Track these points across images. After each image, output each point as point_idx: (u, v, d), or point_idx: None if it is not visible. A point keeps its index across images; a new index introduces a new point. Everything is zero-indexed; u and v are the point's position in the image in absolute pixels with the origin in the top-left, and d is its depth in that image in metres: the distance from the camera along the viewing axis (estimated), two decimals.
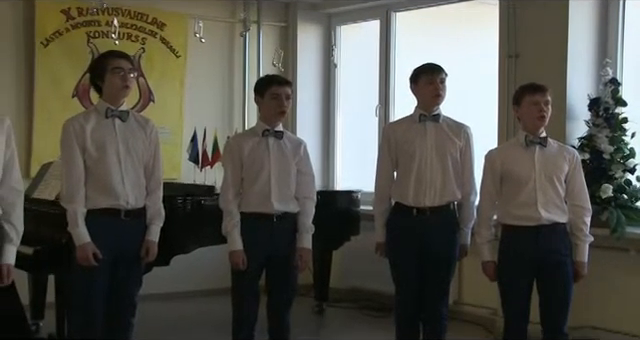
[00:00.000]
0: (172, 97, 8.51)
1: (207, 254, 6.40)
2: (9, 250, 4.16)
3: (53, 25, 7.89)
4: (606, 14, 6.72)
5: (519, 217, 4.72)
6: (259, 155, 4.92)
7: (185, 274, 7.37)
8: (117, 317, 4.79)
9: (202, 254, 6.44)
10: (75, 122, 4.67)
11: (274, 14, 9.14)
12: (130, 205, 4.69)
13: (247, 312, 4.97)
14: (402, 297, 5.10)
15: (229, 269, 4.94)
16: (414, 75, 5.08)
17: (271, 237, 4.90)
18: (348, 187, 8.15)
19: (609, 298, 6.31)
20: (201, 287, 8.03)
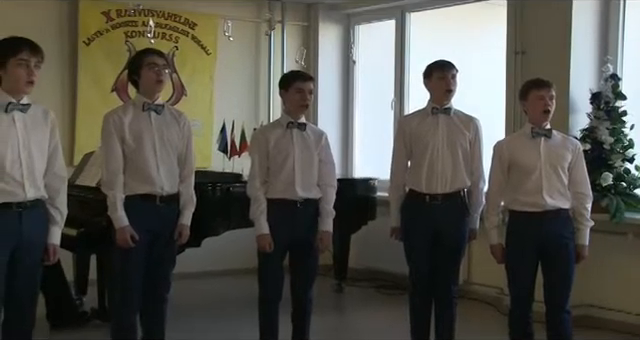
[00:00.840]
0: (203, 92, 8.54)
1: (235, 236, 6.40)
2: (54, 231, 4.21)
3: (94, 26, 7.93)
4: (607, 13, 6.69)
5: (525, 203, 4.70)
6: (284, 145, 4.92)
7: (215, 255, 7.38)
8: (153, 293, 4.81)
9: (230, 236, 6.46)
10: (114, 115, 4.70)
11: (297, 14, 9.13)
12: (165, 191, 4.71)
13: (272, 290, 4.98)
14: (415, 277, 5.09)
15: (255, 250, 4.95)
16: (427, 71, 5.06)
17: (295, 221, 4.91)
18: (365, 175, 8.14)
19: (608, 278, 6.30)
20: (229, 267, 8.04)
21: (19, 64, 3.98)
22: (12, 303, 4.10)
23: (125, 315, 4.76)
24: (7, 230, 3.98)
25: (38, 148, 4.09)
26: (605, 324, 6.33)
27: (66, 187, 4.30)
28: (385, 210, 5.63)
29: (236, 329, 6.11)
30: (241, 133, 7.71)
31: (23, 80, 3.99)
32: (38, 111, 4.14)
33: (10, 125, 3.99)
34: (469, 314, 6.22)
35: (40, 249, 4.15)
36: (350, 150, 9.25)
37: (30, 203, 4.04)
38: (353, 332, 6.63)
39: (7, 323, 4.14)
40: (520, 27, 6.89)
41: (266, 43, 8.98)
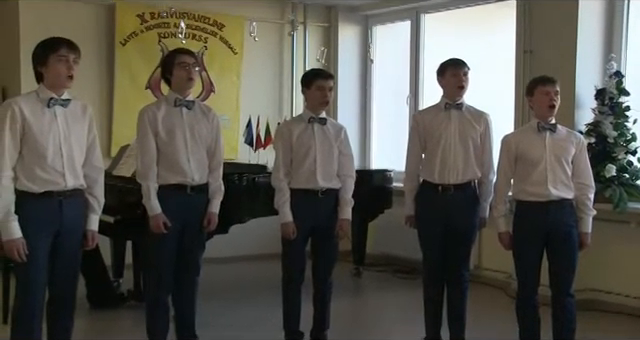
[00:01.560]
0: (230, 89, 8.55)
1: (260, 224, 6.41)
2: (93, 219, 4.24)
3: (130, 27, 7.97)
4: (612, 14, 6.66)
5: (531, 194, 4.69)
6: (306, 139, 4.93)
7: (241, 241, 7.39)
8: (184, 276, 4.84)
9: (256, 224, 6.46)
10: (149, 110, 4.73)
11: (318, 16, 9.13)
12: (195, 181, 4.73)
13: (295, 274, 5.00)
14: (429, 262, 5.08)
15: (279, 237, 4.96)
16: (440, 69, 5.04)
17: (316, 210, 4.92)
18: (382, 166, 8.12)
19: (610, 264, 6.29)
20: (255, 252, 8.07)
21: (59, 60, 4.01)
22: (55, 284, 4.15)
23: (158, 296, 4.79)
24: (49, 217, 4.01)
25: (77, 141, 4.12)
26: (607, 307, 6.32)
27: (103, 177, 4.33)
28: (400, 199, 5.62)
29: (261, 310, 6.13)
30: (266, 127, 7.72)
31: (64, 75, 4.02)
32: (77, 106, 4.18)
33: (52, 119, 4.03)
34: (479, 297, 6.21)
35: (79, 235, 4.18)
36: (368, 143, 9.25)
37: (70, 192, 4.07)
38: (370, 314, 6.63)
39: (51, 303, 4.18)
40: (528, 27, 6.87)
41: (289, 43, 8.98)
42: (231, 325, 5.81)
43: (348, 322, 5.90)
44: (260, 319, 5.92)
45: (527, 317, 4.84)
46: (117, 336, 5.65)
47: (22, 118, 3.97)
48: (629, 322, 6.07)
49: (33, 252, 3.97)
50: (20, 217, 3.95)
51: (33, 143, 3.97)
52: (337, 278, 5.19)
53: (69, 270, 4.18)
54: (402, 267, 7.89)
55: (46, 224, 4.01)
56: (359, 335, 5.63)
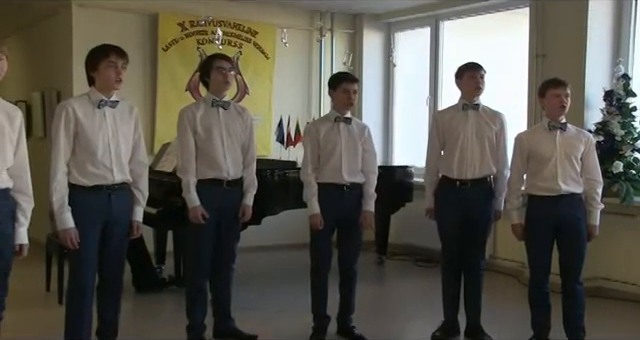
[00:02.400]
0: (263, 91, 8.58)
1: (290, 216, 6.44)
2: (138, 210, 4.28)
3: (171, 34, 8.03)
4: (619, 20, 6.62)
5: (542, 188, 4.68)
6: (332, 137, 4.93)
7: (273, 231, 7.39)
8: (221, 263, 4.86)
9: (286, 216, 6.48)
10: (188, 111, 4.75)
11: (344, 23, 9.13)
12: (230, 176, 4.75)
13: (322, 262, 4.99)
14: (447, 252, 5.07)
15: (308, 228, 4.96)
16: (459, 71, 5.03)
17: (342, 203, 4.91)
18: (403, 163, 8.14)
19: (617, 254, 6.26)
20: (285, 242, 8.07)
21: (109, 65, 4.05)
22: (104, 270, 4.20)
23: (197, 281, 4.81)
24: (99, 208, 4.06)
25: (124, 139, 4.16)
26: (614, 294, 6.29)
27: (147, 172, 4.37)
28: (421, 193, 5.61)
29: (291, 295, 6.15)
30: (296, 126, 7.75)
31: (113, 79, 4.06)
32: (125, 107, 4.22)
33: (102, 119, 4.07)
34: (494, 284, 6.21)
35: (126, 225, 4.22)
36: (390, 141, 9.24)
37: (117, 186, 4.12)
38: (392, 300, 6.63)
39: (101, 287, 4.23)
40: (541, 33, 6.84)
41: (317, 48, 9.00)
42: (264, 309, 5.83)
43: (371, 307, 5.90)
44: (290, 304, 5.94)
45: (539, 303, 4.82)
46: (159, 318, 5.69)
47: (75, 118, 4.02)
48: (634, 308, 6.03)
49: (84, 240, 4.02)
50: (73, 208, 4.00)
51: (85, 141, 4.02)
52: (361, 266, 5.17)
53: (116, 257, 4.23)
54: (422, 256, 7.88)
55: (96, 215, 4.06)
56: (382, 319, 5.63)
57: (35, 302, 5.90)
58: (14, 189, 3.66)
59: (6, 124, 3.63)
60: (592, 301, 5.24)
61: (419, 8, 8.43)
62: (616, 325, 5.55)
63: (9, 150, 3.63)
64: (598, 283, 6.31)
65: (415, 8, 8.48)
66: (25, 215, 3.71)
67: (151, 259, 6.62)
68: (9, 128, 3.64)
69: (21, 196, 3.70)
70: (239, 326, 5.00)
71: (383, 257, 7.83)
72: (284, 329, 5.25)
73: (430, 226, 5.21)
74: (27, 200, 3.72)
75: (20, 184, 3.69)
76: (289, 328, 5.25)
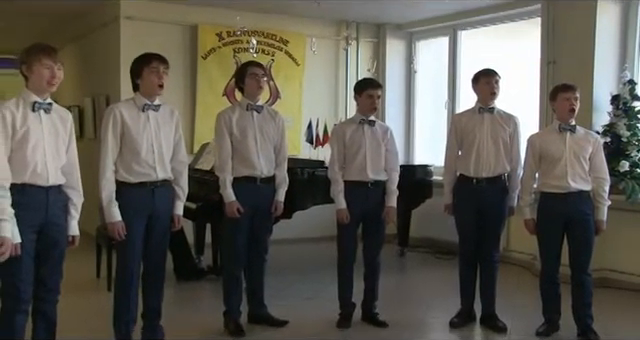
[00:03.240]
0: (293, 95, 8.59)
1: (319, 210, 6.43)
2: (179, 205, 4.30)
3: (210, 44, 8.08)
4: (625, 29, 6.58)
5: (553, 186, 4.66)
6: (357, 138, 4.93)
7: (303, 225, 7.37)
8: (255, 254, 4.88)
9: (315, 210, 6.47)
10: (225, 114, 4.77)
11: (369, 33, 9.12)
12: (264, 174, 4.76)
13: (348, 254, 5.00)
14: (463, 245, 5.06)
15: (335, 222, 4.97)
16: (475, 77, 5.01)
17: (366, 198, 4.91)
18: (424, 162, 8.08)
19: (623, 248, 6.21)
20: (314, 235, 8.07)
21: (151, 72, 4.08)
22: (148, 260, 4.23)
23: (233, 271, 4.83)
24: (143, 203, 4.09)
25: (166, 140, 4.18)
26: (620, 285, 6.24)
27: (187, 170, 4.39)
28: (440, 190, 5.58)
29: (320, 284, 6.14)
30: (324, 128, 7.74)
31: (155, 84, 4.09)
32: (166, 110, 4.24)
33: (145, 122, 4.10)
34: (507, 275, 6.16)
35: (168, 218, 4.24)
36: (411, 142, 9.21)
37: (160, 183, 4.14)
38: (413, 289, 6.60)
39: (145, 275, 4.26)
40: (552, 41, 6.80)
41: (344, 56, 8.99)
42: (294, 296, 5.83)
43: (394, 296, 5.88)
44: (318, 291, 5.94)
45: (549, 293, 4.82)
46: (198, 304, 5.71)
47: (122, 121, 4.05)
48: (639, 298, 5.98)
49: (130, 232, 4.06)
50: (120, 203, 4.04)
51: (130, 142, 4.05)
52: (384, 258, 5.17)
53: (159, 248, 4.25)
54: (441, 249, 7.85)
55: (141, 209, 4.09)
56: (403, 307, 5.61)
57: (87, 288, 5.97)
58: (66, 185, 3.69)
59: (60, 126, 3.67)
60: (599, 291, 5.19)
61: (438, 19, 8.42)
62: (622, 313, 5.49)
63: (62, 150, 3.67)
64: (605, 274, 6.26)
65: (435, 18, 8.47)
66: (76, 209, 3.75)
67: (191, 250, 6.66)
68: (62, 130, 3.68)
69: (72, 191, 3.73)
70: (271, 312, 5.02)
71: (404, 249, 7.81)
72: (313, 315, 5.25)
73: (448, 221, 5.20)
74: (77, 195, 3.76)
75: (71, 180, 3.72)
76: (317, 314, 5.25)
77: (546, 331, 4.80)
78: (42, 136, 3.56)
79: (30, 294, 3.58)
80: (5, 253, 3.12)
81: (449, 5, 7.72)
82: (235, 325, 4.79)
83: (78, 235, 3.77)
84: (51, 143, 3.59)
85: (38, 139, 3.53)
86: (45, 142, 3.56)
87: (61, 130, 3.67)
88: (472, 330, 4.99)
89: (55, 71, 3.56)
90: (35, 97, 3.56)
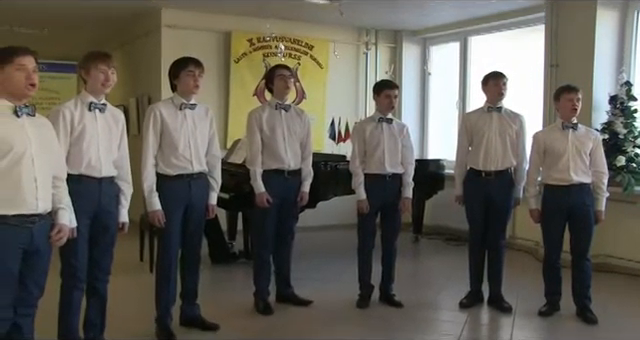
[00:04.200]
0: (318, 95, 8.57)
1: (340, 201, 6.42)
2: (213, 195, 4.31)
3: (242, 49, 8.09)
4: (622, 34, 6.51)
5: (556, 179, 4.64)
6: (376, 135, 4.92)
7: (326, 214, 7.38)
8: (282, 240, 4.90)
9: (337, 201, 6.46)
10: (256, 112, 4.78)
11: (387, 39, 9.08)
12: (291, 167, 4.77)
13: (367, 240, 5.00)
14: (473, 232, 5.03)
15: (355, 211, 4.97)
16: (484, 79, 4.97)
17: (384, 190, 4.91)
18: (437, 156, 8.07)
19: (620, 235, 6.18)
20: (336, 222, 8.07)
21: (188, 74, 4.10)
22: (186, 245, 4.26)
23: (262, 255, 4.85)
24: (181, 194, 4.11)
25: (201, 136, 4.19)
26: (617, 269, 6.20)
27: (220, 164, 4.39)
28: (451, 183, 5.57)
29: (341, 267, 6.13)
30: (345, 125, 7.76)
31: (191, 85, 4.10)
32: (202, 109, 4.25)
33: (183, 119, 4.12)
34: (513, 260, 6.13)
35: (203, 208, 4.26)
36: (425, 138, 9.16)
37: (196, 175, 4.16)
38: (426, 273, 6.60)
39: (183, 258, 4.29)
40: (555, 46, 6.75)
41: (364, 60, 8.96)
42: (318, 278, 5.85)
43: (409, 278, 5.88)
44: (340, 274, 5.94)
45: (551, 276, 4.80)
46: (231, 285, 5.74)
47: (161, 119, 4.08)
48: (634, 281, 5.94)
49: (169, 220, 4.08)
50: (159, 194, 4.06)
51: (169, 138, 4.07)
52: (400, 244, 5.16)
53: (195, 234, 4.27)
54: (452, 236, 7.84)
55: (179, 199, 4.11)
56: (417, 289, 5.61)
57: (131, 270, 6.01)
58: (117, 177, 3.74)
59: (113, 124, 3.73)
60: (597, 275, 5.17)
61: (450, 25, 8.37)
62: (617, 295, 5.46)
63: (114, 145, 3.73)
64: (603, 260, 6.21)
65: (447, 25, 8.42)
66: (126, 198, 3.79)
67: (224, 236, 6.69)
68: (115, 128, 3.74)
69: (123, 183, 3.78)
70: (297, 292, 5.04)
71: (419, 236, 7.79)
72: (335, 296, 5.26)
73: (459, 210, 5.18)
74: (128, 186, 3.80)
75: (122, 173, 3.77)
76: (339, 295, 5.25)
77: (548, 311, 4.78)
78: (96, 133, 3.62)
79: (85, 274, 3.66)
80: (63, 238, 3.17)
81: (460, 13, 7.70)
82: (264, 304, 4.81)
83: (127, 222, 3.81)
84: (104, 139, 3.65)
85: (93, 135, 3.60)
86: (99, 138, 3.63)
87: (114, 128, 3.73)
88: (480, 310, 4.98)
89: (109, 75, 3.65)
90: (91, 98, 3.64)
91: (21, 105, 3.01)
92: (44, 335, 3.42)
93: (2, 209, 2.90)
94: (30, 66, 3.00)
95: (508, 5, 7.18)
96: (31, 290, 3.09)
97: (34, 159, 2.97)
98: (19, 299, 3.05)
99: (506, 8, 7.32)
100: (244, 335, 4.33)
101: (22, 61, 2.98)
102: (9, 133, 2.93)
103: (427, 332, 4.46)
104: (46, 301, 3.25)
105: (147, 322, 4.27)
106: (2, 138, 2.90)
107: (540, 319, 4.71)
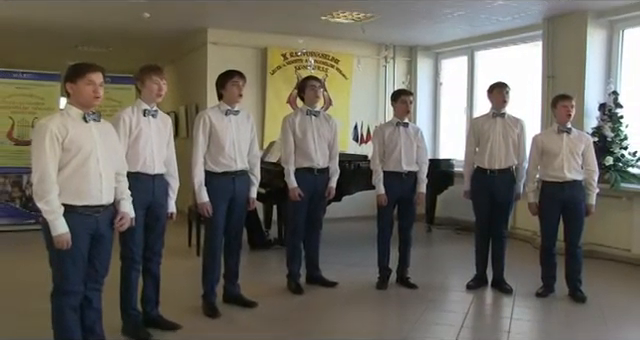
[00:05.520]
0: (343, 103, 8.58)
1: (362, 195, 6.45)
2: (253, 190, 4.33)
3: (276, 62, 8.12)
4: (610, 49, 6.47)
5: (552, 176, 4.62)
6: (394, 137, 4.91)
7: (350, 206, 7.40)
8: (312, 229, 4.91)
9: (360, 195, 6.49)
10: (289, 118, 4.80)
11: (403, 53, 9.05)
12: (319, 166, 4.78)
13: (386, 229, 5.00)
14: (479, 223, 5.02)
15: (375, 204, 4.97)
16: (489, 88, 4.95)
17: (401, 185, 4.90)
18: (447, 156, 8.03)
19: (608, 226, 6.13)
20: (359, 214, 8.08)
21: (233, 84, 4.14)
22: (229, 232, 4.28)
23: (294, 242, 4.87)
24: (226, 188, 4.14)
25: (244, 138, 4.22)
26: (604, 255, 6.17)
27: (259, 162, 4.42)
28: (460, 179, 5.57)
29: (363, 253, 6.15)
30: (367, 129, 7.81)
31: (236, 94, 4.15)
32: (244, 114, 4.28)
33: (228, 123, 4.15)
34: (514, 248, 6.09)
35: (244, 200, 4.28)
36: (437, 140, 9.12)
37: (239, 172, 4.19)
38: (437, 259, 6.57)
39: (226, 244, 4.31)
40: (551, 60, 6.73)
41: (383, 72, 8.94)
42: (342, 263, 5.86)
43: (422, 263, 5.87)
44: (362, 259, 5.95)
45: (547, 262, 4.78)
46: (267, 267, 5.78)
47: (210, 123, 4.12)
48: (619, 265, 5.91)
49: (215, 211, 4.12)
50: (207, 188, 4.09)
51: (216, 139, 4.11)
52: (414, 233, 5.14)
53: (237, 223, 4.30)
54: (460, 226, 7.79)
55: (224, 193, 4.14)
56: (429, 272, 5.60)
57: (180, 253, 6.07)
58: (166, 173, 3.79)
59: (163, 128, 3.78)
60: (587, 261, 5.16)
61: (459, 41, 8.32)
62: (605, 278, 5.42)
63: (164, 146, 3.78)
64: (593, 248, 6.17)
65: (456, 41, 8.38)
66: (174, 191, 3.83)
67: (262, 225, 6.74)
68: (164, 131, 3.79)
69: (171, 178, 3.82)
70: (324, 275, 5.06)
71: (431, 226, 7.77)
72: (357, 278, 5.27)
73: (467, 204, 5.16)
74: (175, 181, 3.84)
75: (170, 170, 3.81)
76: (361, 277, 5.27)
77: (544, 292, 4.76)
78: (150, 136, 3.67)
79: (141, 256, 3.72)
80: (125, 225, 3.24)
81: (467, 31, 7.66)
82: (295, 285, 4.84)
83: (175, 212, 3.85)
84: (157, 141, 3.70)
85: (147, 138, 3.66)
86: (152, 140, 3.68)
87: (163, 131, 3.78)
88: (484, 291, 4.97)
89: (161, 85, 3.70)
90: (145, 105, 3.70)
91: (89, 112, 3.09)
92: (109, 307, 3.49)
93: (72, 200, 2.98)
94: (98, 81, 3.08)
95: (510, 24, 7.14)
96: (98, 269, 3.18)
97: (99, 158, 3.05)
98: (89, 277, 3.15)
99: (508, 26, 7.28)
100: (279, 311, 4.37)
101: (91, 77, 3.06)
102: (79, 136, 3.01)
103: (438, 310, 4.46)
104: (111, 280, 3.34)
105: (195, 298, 4.33)
106: (73, 140, 2.98)
107: (537, 299, 4.69)
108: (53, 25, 7.60)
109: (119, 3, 6.32)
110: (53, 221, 2.93)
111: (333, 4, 6.40)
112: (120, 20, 7.24)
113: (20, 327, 3.92)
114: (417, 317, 4.22)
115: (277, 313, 4.31)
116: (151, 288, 3.86)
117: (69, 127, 2.99)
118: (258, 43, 8.04)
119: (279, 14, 6.87)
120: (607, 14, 6.28)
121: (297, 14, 6.86)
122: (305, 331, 3.94)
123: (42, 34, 8.20)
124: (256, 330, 3.96)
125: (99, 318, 3.27)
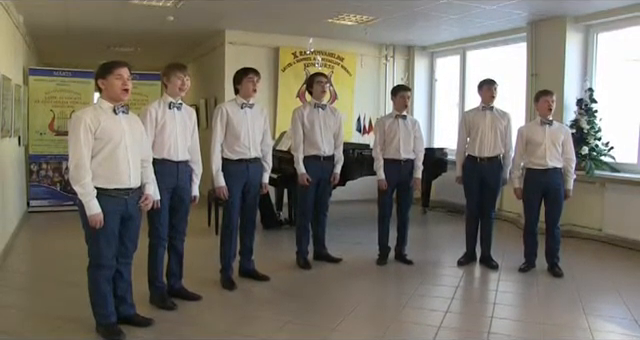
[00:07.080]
0: (347, 97, 8.54)
1: (364, 180, 6.43)
2: (265, 175, 4.33)
3: (287, 60, 8.08)
4: (586, 51, 6.41)
5: (536, 164, 4.60)
6: (394, 128, 4.90)
7: (353, 190, 7.42)
8: (319, 211, 4.91)
9: (362, 180, 6.47)
10: (299, 110, 4.78)
11: (402, 52, 8.99)
12: (326, 153, 4.76)
13: (385, 212, 5.00)
14: (469, 205, 5.00)
15: (376, 189, 4.97)
16: (479, 85, 4.93)
17: (399, 171, 4.89)
18: (441, 145, 7.99)
19: (583, 209, 6.12)
20: (361, 198, 8.10)
21: (249, 80, 4.12)
22: (244, 213, 4.29)
23: (303, 222, 4.87)
24: (241, 174, 4.15)
25: (258, 128, 4.21)
26: (580, 235, 6.16)
27: (271, 150, 4.41)
28: (453, 166, 5.56)
29: (365, 232, 6.17)
30: (369, 121, 7.77)
31: (251, 89, 4.13)
32: (258, 108, 4.27)
33: (243, 116, 4.14)
34: (500, 228, 6.10)
35: (258, 185, 4.28)
36: (432, 130, 9.07)
37: (253, 159, 4.18)
38: (432, 238, 6.55)
39: (242, 224, 4.32)
40: (534, 59, 6.69)
41: (383, 69, 8.89)
42: (346, 241, 5.87)
43: (418, 242, 5.88)
44: (364, 238, 5.96)
45: (530, 241, 4.79)
46: (279, 246, 5.78)
47: (227, 115, 4.11)
48: (592, 244, 5.88)
49: (231, 195, 4.13)
50: (224, 174, 4.10)
51: (232, 130, 4.11)
52: (411, 215, 5.15)
53: (252, 205, 4.30)
54: (452, 209, 7.79)
55: (239, 178, 4.14)
56: (424, 250, 5.61)
57: (201, 232, 6.10)
58: (191, 160, 3.80)
59: (187, 120, 3.79)
60: (565, 240, 5.21)
61: (452, 42, 8.26)
62: (580, 255, 5.39)
63: (189, 136, 3.78)
64: (570, 228, 6.17)
65: (450, 42, 8.32)
66: (197, 177, 3.84)
67: (274, 207, 6.74)
68: (189, 122, 3.80)
69: (195, 165, 3.84)
70: (330, 252, 5.07)
71: (426, 209, 7.74)
72: (359, 255, 5.29)
73: (459, 188, 5.15)
74: (198, 167, 3.85)
75: (194, 157, 3.82)
76: (363, 254, 5.28)
77: (526, 268, 4.77)
78: (175, 126, 3.68)
79: (166, 234, 3.74)
80: (148, 205, 3.26)
81: (460, 33, 7.60)
82: (304, 261, 4.85)
83: (198, 195, 3.87)
84: (181, 131, 3.71)
85: (172, 128, 3.67)
86: (177, 130, 3.69)
87: (188, 122, 3.79)
88: (473, 267, 4.97)
89: (185, 81, 3.71)
90: (170, 99, 3.71)
91: (118, 105, 3.11)
92: (139, 280, 3.52)
93: (104, 184, 3.02)
94: (125, 75, 3.09)
95: (498, 27, 7.11)
96: (128, 246, 3.21)
97: (127, 146, 3.08)
98: (120, 252, 3.19)
99: (496, 29, 7.25)
100: (289, 284, 4.39)
101: (119, 71, 3.08)
102: (109, 127, 3.04)
103: (431, 283, 4.47)
104: (139, 256, 3.37)
105: (213, 272, 4.36)
106: (104, 130, 3.01)
107: (520, 274, 4.69)
108: (88, 29, 7.63)
109: (147, 9, 6.32)
110: (88, 202, 2.97)
111: (338, 8, 6.37)
112: (147, 23, 7.24)
113: (61, 295, 3.97)
114: (413, 290, 4.23)
115: (287, 286, 4.33)
116: (175, 263, 3.88)
117: (101, 119, 3.02)
118: (271, 43, 8.00)
119: (290, 17, 6.84)
120: (583, 19, 6.27)
121: (306, 17, 6.83)
122: (312, 301, 3.96)
123: (79, 37, 8.23)
124: (269, 301, 3.98)
125: (129, 289, 3.32)
